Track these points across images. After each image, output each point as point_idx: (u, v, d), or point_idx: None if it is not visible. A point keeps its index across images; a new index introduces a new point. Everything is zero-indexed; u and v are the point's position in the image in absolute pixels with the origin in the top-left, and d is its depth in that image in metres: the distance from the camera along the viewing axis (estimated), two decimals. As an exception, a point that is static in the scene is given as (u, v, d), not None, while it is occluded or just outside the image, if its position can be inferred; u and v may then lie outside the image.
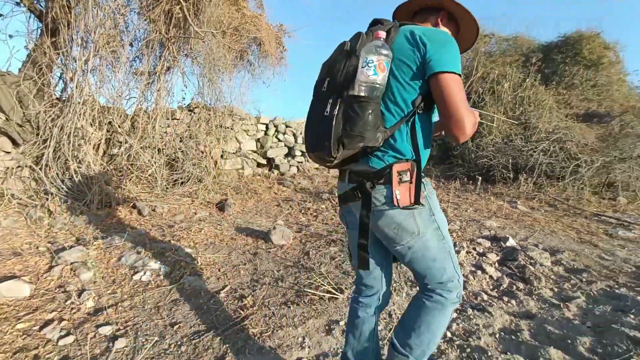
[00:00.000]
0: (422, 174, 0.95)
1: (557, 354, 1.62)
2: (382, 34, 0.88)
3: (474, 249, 3.06)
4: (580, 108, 7.93)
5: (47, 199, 3.37)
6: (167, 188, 4.52)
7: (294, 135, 7.23)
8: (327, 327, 1.84)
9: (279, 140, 7.02)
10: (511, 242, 3.20)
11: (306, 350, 1.66)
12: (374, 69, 0.84)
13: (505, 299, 2.25)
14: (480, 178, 6.35)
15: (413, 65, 0.90)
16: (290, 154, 7.19)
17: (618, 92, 8.66)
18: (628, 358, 1.59)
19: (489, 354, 1.64)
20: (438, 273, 1.00)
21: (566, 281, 2.54)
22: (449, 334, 1.83)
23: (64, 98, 4.03)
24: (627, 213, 4.87)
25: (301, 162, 7.23)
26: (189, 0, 4.43)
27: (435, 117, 1.04)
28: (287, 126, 7.17)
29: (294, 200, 4.95)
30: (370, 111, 0.86)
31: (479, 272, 2.58)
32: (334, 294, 2.12)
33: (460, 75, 0.88)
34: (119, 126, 4.29)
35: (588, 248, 3.30)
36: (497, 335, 1.83)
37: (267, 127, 6.93)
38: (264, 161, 6.84)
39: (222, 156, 5.88)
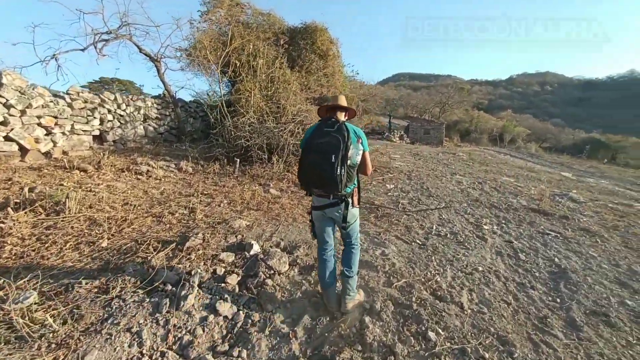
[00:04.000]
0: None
1: None
2: (361, 139, 2.13)
3: (214, 272, 2.54)
4: (316, 92, 9.42)
5: None
6: None
7: None
8: None
9: None
10: (255, 249, 2.95)
11: None
12: (359, 157, 2.10)
13: (237, 350, 1.84)
14: (238, 160, 6.13)
15: (359, 148, 2.10)
16: None
17: (338, 81, 11.04)
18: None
19: None
20: (356, 232, 2.31)
21: (298, 289, 2.52)
22: None
23: None
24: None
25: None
26: None
27: None
28: None
29: None
30: (354, 172, 2.10)
31: (211, 317, 2.06)
32: None
33: (368, 149, 2.28)
34: None
35: (318, 234, 3.66)
36: None
37: None
38: None
39: None
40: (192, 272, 2.43)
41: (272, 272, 2.66)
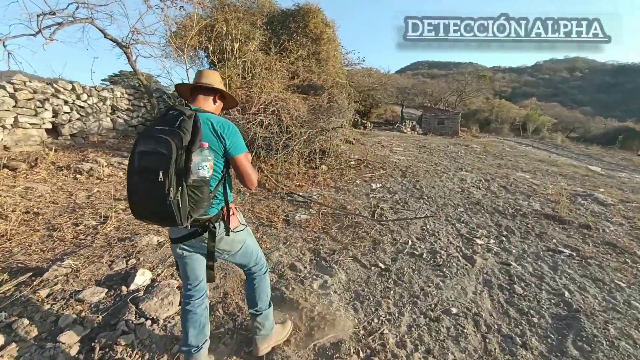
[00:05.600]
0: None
1: None
2: (206, 145, 1.27)
3: (55, 322, 1.81)
4: (304, 79, 8.52)
5: None
6: None
7: None
8: None
9: None
10: (139, 282, 2.20)
11: None
12: (207, 170, 1.26)
13: None
14: (198, 156, 5.39)
15: (219, 151, 1.38)
16: None
17: (333, 67, 10.07)
18: None
19: None
20: (252, 259, 1.67)
21: (167, 351, 1.75)
22: None
23: None
24: (319, 188, 5.34)
25: None
26: None
27: None
28: None
29: None
30: (207, 191, 1.30)
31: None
32: None
33: (246, 151, 1.45)
34: None
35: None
36: None
37: None
38: None
39: None
40: (14, 326, 1.71)
41: (143, 320, 1.90)
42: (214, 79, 1.54)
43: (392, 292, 2.49)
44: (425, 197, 5.26)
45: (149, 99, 7.94)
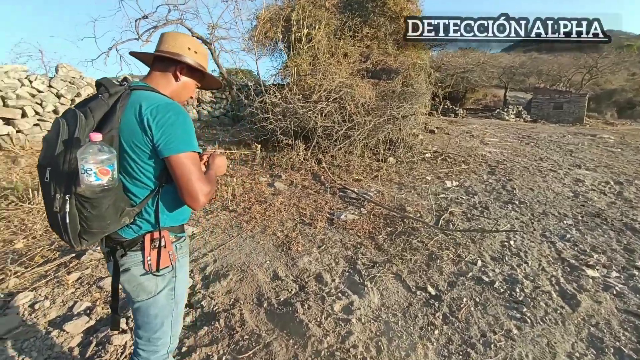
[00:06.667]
0: (183, 234, 1.09)
1: None
2: (97, 137, 0.80)
3: (71, 308, 1.87)
4: (377, 62, 7.81)
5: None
6: None
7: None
8: None
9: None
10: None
11: None
12: (94, 176, 0.80)
13: None
14: (259, 146, 5.45)
15: (146, 148, 0.91)
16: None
17: (414, 47, 8.98)
18: None
19: None
20: (154, 327, 1.05)
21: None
22: None
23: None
24: (379, 183, 4.76)
25: None
26: None
27: None
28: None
29: None
30: (106, 206, 0.85)
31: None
32: None
33: (190, 150, 0.92)
34: None
35: (277, 258, 2.62)
36: None
37: None
38: None
39: None
40: (35, 307, 1.81)
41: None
42: (179, 44, 1.05)
43: (437, 331, 1.87)
44: (517, 202, 4.13)
45: (229, 91, 8.49)
